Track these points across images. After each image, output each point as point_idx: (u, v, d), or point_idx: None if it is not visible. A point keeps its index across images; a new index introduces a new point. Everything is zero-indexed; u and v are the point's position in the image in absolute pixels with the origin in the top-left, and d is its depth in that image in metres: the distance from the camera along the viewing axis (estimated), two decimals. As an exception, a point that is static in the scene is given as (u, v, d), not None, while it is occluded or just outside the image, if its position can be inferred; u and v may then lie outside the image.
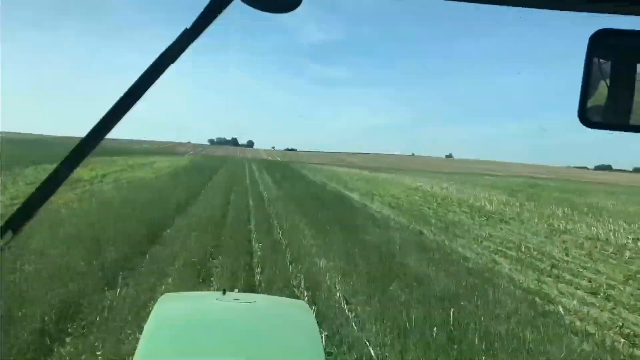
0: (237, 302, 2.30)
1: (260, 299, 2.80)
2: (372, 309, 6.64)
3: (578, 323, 7.18)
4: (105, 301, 6.21)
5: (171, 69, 1.02)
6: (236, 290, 2.47)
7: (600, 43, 1.04)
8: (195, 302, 2.69)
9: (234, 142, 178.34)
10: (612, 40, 1.05)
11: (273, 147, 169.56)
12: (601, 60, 1.08)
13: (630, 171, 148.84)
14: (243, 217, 14.28)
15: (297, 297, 6.79)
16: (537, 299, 8.11)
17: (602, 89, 1.09)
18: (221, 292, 2.39)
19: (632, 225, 18.96)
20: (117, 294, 6.51)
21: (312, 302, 6.81)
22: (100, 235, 9.34)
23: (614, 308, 8.11)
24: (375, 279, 8.17)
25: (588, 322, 7.23)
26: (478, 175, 70.10)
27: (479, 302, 7.20)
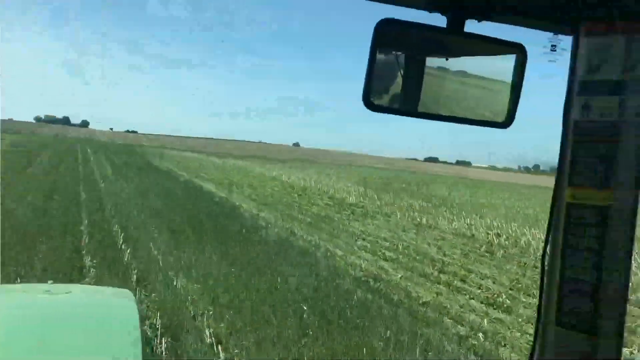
0: (48, 295, 2.01)
1: (77, 289, 2.67)
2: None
3: None
4: None
5: None
6: (50, 282, 2.21)
7: (384, 32, 1.01)
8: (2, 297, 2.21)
9: (66, 120, 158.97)
10: (396, 30, 1.02)
11: (111, 129, 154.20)
12: (387, 48, 1.08)
13: (453, 163, 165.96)
14: (72, 218, 11.15)
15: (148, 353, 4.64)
16: (459, 327, 6.84)
17: (390, 76, 1.11)
18: (43, 284, 2.16)
19: (486, 219, 19.62)
20: None
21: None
22: None
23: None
24: (257, 312, 6.22)
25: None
26: (326, 165, 71.26)
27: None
